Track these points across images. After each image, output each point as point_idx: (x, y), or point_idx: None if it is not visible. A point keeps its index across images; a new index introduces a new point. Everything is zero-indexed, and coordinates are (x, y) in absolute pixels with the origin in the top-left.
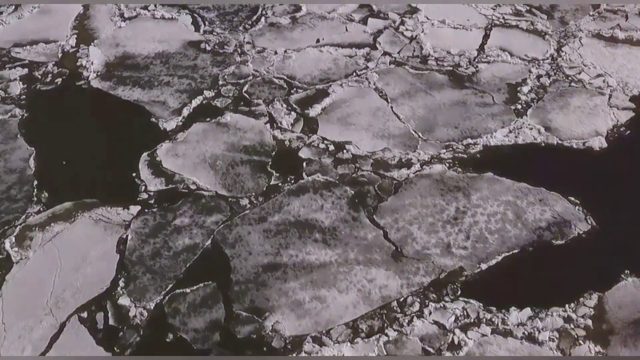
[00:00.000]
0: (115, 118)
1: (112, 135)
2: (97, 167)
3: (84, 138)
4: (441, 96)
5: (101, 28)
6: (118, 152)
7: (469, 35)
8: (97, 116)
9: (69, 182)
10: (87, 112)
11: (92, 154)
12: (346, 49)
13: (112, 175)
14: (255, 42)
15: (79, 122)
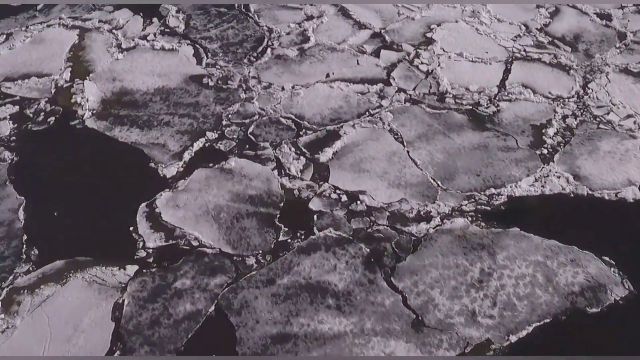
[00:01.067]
0: (112, 163)
1: (108, 182)
2: (92, 219)
3: (77, 186)
4: (461, 139)
5: (97, 60)
6: (114, 201)
7: (488, 69)
8: (92, 161)
9: (61, 236)
10: (82, 156)
11: (86, 203)
12: (358, 85)
13: (107, 228)
14: (261, 76)
15: (72, 168)
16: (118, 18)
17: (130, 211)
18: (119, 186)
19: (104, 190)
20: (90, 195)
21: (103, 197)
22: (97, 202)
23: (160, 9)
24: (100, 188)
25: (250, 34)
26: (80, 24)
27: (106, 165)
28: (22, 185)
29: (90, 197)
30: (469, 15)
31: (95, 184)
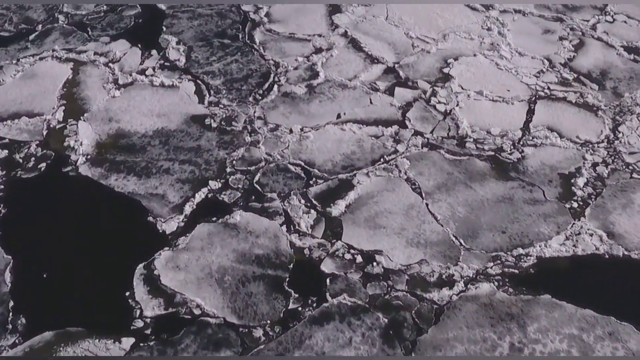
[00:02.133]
0: (107, 216)
1: (103, 239)
2: (85, 281)
3: (70, 243)
4: (484, 190)
5: (92, 97)
6: (110, 262)
7: (510, 109)
8: (85, 214)
9: (51, 303)
10: (75, 209)
11: (79, 263)
12: (371, 127)
13: (102, 293)
14: (267, 116)
15: (64, 223)
16: (115, 50)
17: (127, 273)
18: (115, 243)
19: (99, 248)
20: (83, 254)
21: (97, 256)
22: (91, 262)
23: (159, 39)
24: (95, 246)
25: (255, 69)
26: (75, 57)
27: (101, 219)
28: (9, 242)
29: (84, 256)
30: (488, 48)
31: (89, 241)
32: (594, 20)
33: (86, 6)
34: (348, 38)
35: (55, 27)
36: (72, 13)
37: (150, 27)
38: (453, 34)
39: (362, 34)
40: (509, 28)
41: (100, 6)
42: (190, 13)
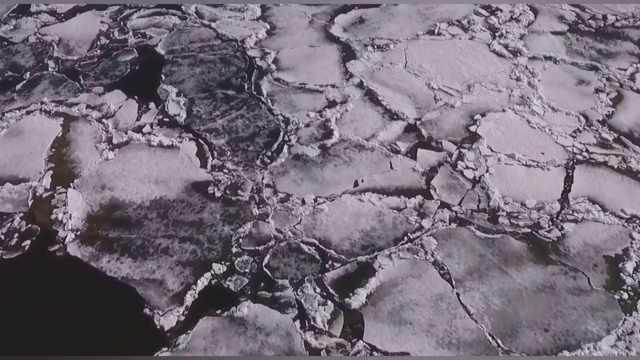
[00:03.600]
0: (98, 308)
1: (92, 336)
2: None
3: (55, 341)
4: (521, 276)
5: (83, 160)
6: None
7: (546, 176)
8: (73, 305)
9: None
10: (61, 298)
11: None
12: (393, 198)
13: None
14: (277, 183)
15: (49, 315)
16: (109, 103)
17: None
18: (106, 343)
19: (87, 346)
20: (69, 353)
21: (86, 356)
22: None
23: (158, 90)
24: (84, 345)
25: (262, 125)
26: (65, 111)
27: (91, 311)
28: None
29: (70, 356)
30: (518, 101)
31: (77, 339)
32: (632, 69)
33: (78, 50)
34: (364, 89)
35: (44, 74)
36: (62, 58)
37: (148, 75)
38: (479, 85)
39: (379, 85)
40: (539, 78)
41: (93, 50)
42: (191, 59)
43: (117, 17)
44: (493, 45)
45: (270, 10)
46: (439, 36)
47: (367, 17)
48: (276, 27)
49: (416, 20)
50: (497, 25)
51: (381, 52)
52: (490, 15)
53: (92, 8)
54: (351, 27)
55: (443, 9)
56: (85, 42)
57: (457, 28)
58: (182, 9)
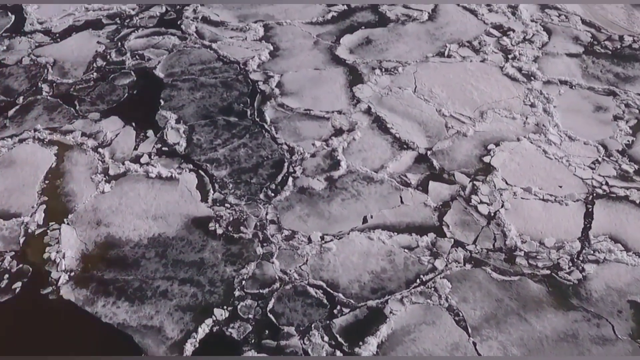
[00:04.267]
0: (92, 356)
1: None
2: None
3: None
4: (541, 323)
5: (78, 193)
6: None
7: (565, 212)
8: (65, 352)
9: None
10: (53, 347)
11: None
12: (404, 235)
13: None
14: (281, 219)
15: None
16: (105, 130)
17: None
18: None
19: None
20: None
21: None
22: None
23: (157, 116)
24: None
25: (266, 156)
26: (60, 139)
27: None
28: None
29: None
30: (533, 130)
31: None
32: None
33: (74, 73)
34: (372, 116)
35: (38, 99)
36: (57, 82)
37: (146, 100)
38: (492, 112)
39: (388, 111)
40: (555, 104)
41: (89, 73)
42: (191, 82)
43: (115, 37)
44: (506, 68)
45: (273, 29)
46: (449, 58)
47: (374, 38)
48: (280, 48)
49: (425, 41)
50: (510, 47)
51: (389, 75)
52: (502, 35)
53: (89, 27)
54: (358, 49)
55: (453, 29)
56: (81, 64)
57: (468, 49)
58: (182, 28)
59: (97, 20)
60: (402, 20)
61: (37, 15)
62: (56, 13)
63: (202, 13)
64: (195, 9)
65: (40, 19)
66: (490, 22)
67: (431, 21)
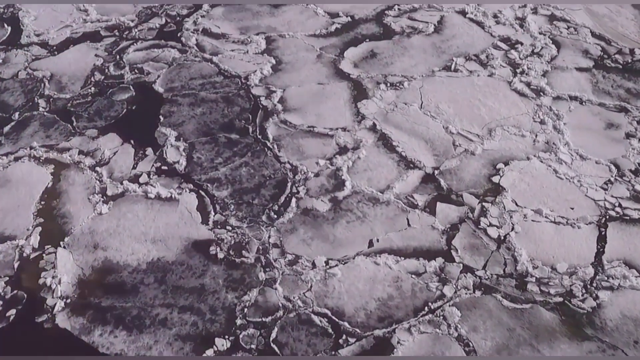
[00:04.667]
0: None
1: None
2: None
3: None
4: (555, 354)
5: (75, 214)
6: None
7: (577, 236)
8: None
9: None
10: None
11: None
12: (411, 260)
13: None
14: (284, 242)
15: None
16: (103, 148)
17: None
18: None
19: None
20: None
21: None
22: None
23: (156, 133)
24: None
25: (269, 175)
26: (56, 157)
27: None
28: None
29: None
30: (543, 148)
31: None
32: None
33: (71, 87)
34: (377, 133)
35: (34, 115)
36: (54, 97)
37: (145, 116)
38: (500, 129)
39: (394, 128)
40: (565, 121)
41: (87, 88)
42: (191, 98)
43: (113, 50)
44: (514, 83)
45: (275, 42)
46: (456, 73)
47: (378, 51)
48: (282, 62)
49: (431, 55)
50: (518, 61)
51: (395, 90)
52: (510, 49)
53: (87, 39)
54: (362, 62)
55: (459, 42)
56: (78, 78)
57: (475, 63)
58: (182, 40)
59: (95, 32)
60: (407, 32)
61: (34, 27)
62: (53, 25)
63: (203, 25)
64: (195, 21)
65: (37, 30)
66: (498, 35)
67: (437, 34)
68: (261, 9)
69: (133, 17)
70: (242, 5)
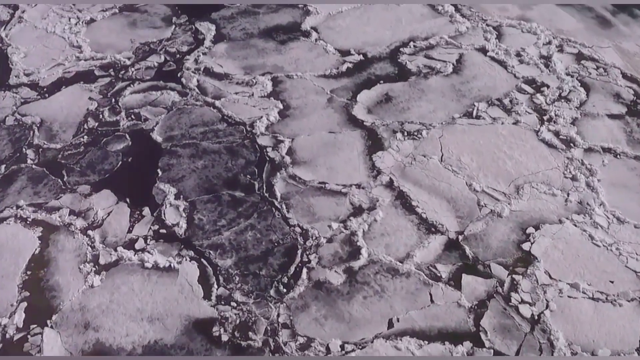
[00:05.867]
0: None
1: None
2: None
3: None
4: None
5: (64, 286)
6: None
7: (618, 315)
8: None
9: None
10: None
11: None
12: (436, 345)
13: None
14: (295, 322)
15: None
16: (96, 208)
17: None
18: None
19: None
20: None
21: None
22: None
23: (154, 190)
24: None
25: (277, 240)
26: (45, 218)
27: None
28: None
29: None
30: (577, 209)
31: None
32: None
33: (62, 136)
34: (395, 191)
35: (22, 168)
36: (44, 147)
37: (142, 170)
38: (529, 186)
39: (413, 185)
40: (599, 177)
41: (79, 136)
42: (192, 148)
43: (108, 92)
44: (542, 133)
45: (282, 84)
46: (478, 120)
47: (394, 95)
48: (290, 107)
49: (450, 99)
50: (545, 106)
51: (412, 140)
52: (535, 92)
53: (80, 80)
54: (376, 107)
55: (481, 84)
56: (70, 125)
57: (499, 109)
58: (183, 81)
59: (88, 71)
60: (424, 73)
61: (24, 66)
62: (44, 63)
63: (205, 63)
64: (197, 59)
65: (27, 69)
66: (522, 76)
67: (456, 74)
68: (267, 46)
69: (130, 55)
70: (246, 41)
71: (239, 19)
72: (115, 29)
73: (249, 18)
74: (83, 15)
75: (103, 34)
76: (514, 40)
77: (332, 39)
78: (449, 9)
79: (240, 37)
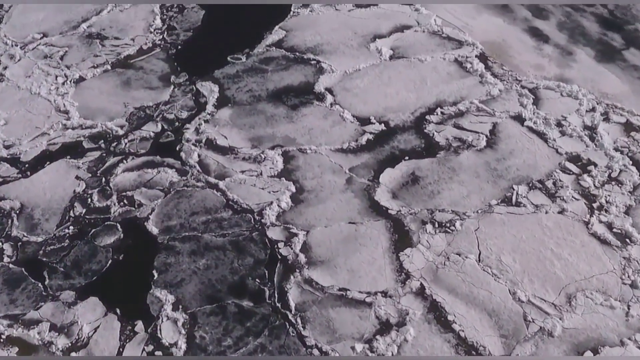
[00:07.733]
0: None
1: None
2: None
3: None
4: None
5: None
6: None
7: None
8: None
9: None
10: None
11: None
12: None
13: None
14: None
15: None
16: (81, 322)
17: None
18: None
19: None
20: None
21: None
22: None
23: (148, 299)
24: None
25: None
26: (21, 334)
27: None
28: None
29: None
30: (639, 327)
31: None
32: None
33: (45, 225)
34: (427, 300)
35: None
36: (23, 240)
37: (135, 272)
38: (582, 295)
39: (447, 293)
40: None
41: (64, 227)
42: (193, 243)
43: (98, 170)
44: (592, 225)
45: (295, 160)
46: (519, 207)
47: (421, 174)
48: (304, 190)
49: (486, 180)
50: (594, 190)
51: (445, 233)
52: (581, 172)
53: (66, 154)
54: (402, 191)
55: (519, 161)
56: (54, 211)
57: (541, 194)
58: (182, 156)
59: (76, 142)
60: (454, 147)
61: (3, 136)
62: (27, 132)
63: (207, 134)
64: (197, 128)
65: (7, 141)
66: (565, 152)
67: (490, 148)
68: (277, 112)
69: (123, 122)
70: (253, 106)
71: (244, 78)
72: (106, 90)
73: (256, 77)
74: (71, 72)
75: (93, 95)
76: (553, 105)
77: (349, 104)
78: (479, 67)
79: (246, 100)
